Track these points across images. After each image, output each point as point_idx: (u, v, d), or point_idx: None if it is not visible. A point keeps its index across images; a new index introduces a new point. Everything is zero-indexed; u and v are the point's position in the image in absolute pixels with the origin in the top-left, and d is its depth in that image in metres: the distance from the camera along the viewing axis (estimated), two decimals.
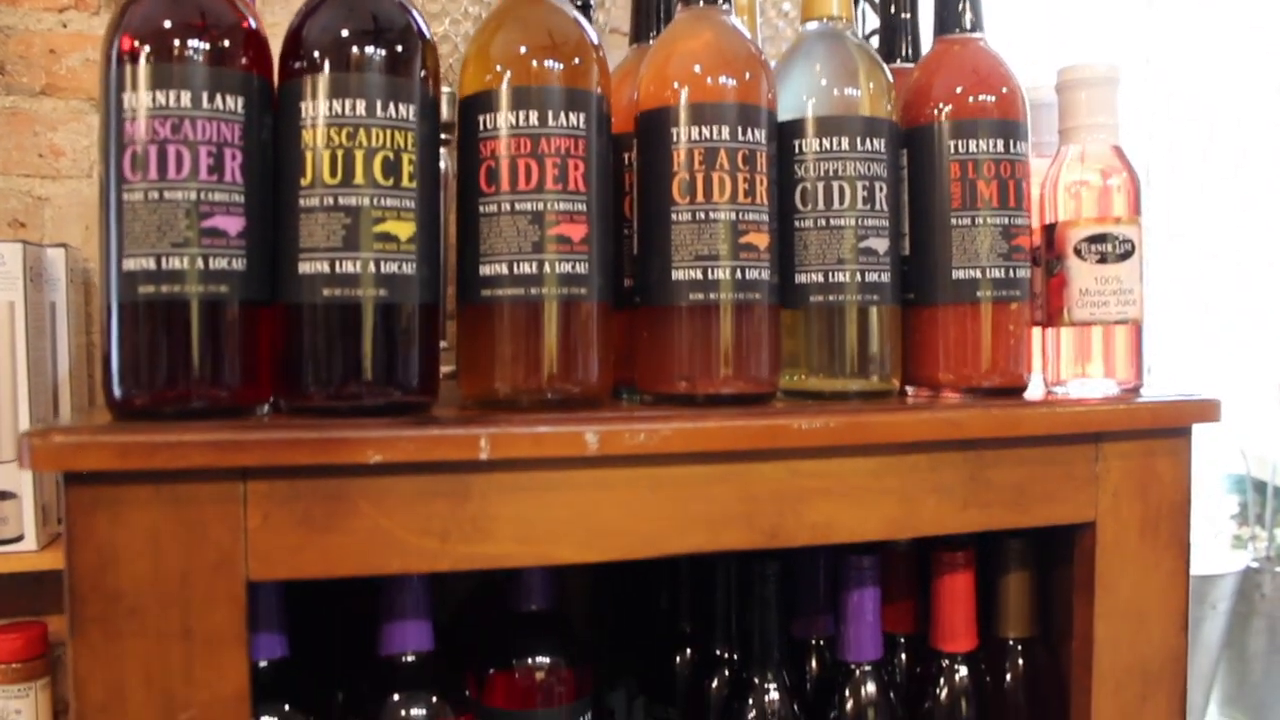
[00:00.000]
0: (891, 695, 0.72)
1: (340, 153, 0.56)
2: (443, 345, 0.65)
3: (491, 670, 0.70)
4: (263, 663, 0.60)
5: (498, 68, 0.60)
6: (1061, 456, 0.67)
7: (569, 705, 0.70)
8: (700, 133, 0.63)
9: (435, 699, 0.64)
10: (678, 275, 0.63)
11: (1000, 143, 0.69)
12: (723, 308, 0.63)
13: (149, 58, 0.54)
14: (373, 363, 0.56)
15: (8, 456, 0.86)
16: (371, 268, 0.56)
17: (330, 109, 0.56)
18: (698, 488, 0.59)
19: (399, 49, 0.57)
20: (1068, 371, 0.74)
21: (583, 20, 0.63)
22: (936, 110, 0.70)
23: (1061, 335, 0.74)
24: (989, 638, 0.75)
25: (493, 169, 0.60)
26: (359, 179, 0.56)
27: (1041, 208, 0.75)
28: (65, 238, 0.95)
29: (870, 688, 0.72)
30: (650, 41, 0.77)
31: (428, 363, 0.59)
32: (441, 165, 0.72)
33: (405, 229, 0.57)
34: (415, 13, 0.59)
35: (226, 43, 0.55)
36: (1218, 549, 1.44)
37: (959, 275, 0.69)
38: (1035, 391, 0.74)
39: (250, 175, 0.56)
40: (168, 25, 0.54)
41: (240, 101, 0.55)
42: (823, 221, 0.67)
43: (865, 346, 0.68)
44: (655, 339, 0.64)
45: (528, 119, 0.59)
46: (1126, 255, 0.71)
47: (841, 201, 0.67)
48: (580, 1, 0.78)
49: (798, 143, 0.68)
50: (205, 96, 0.54)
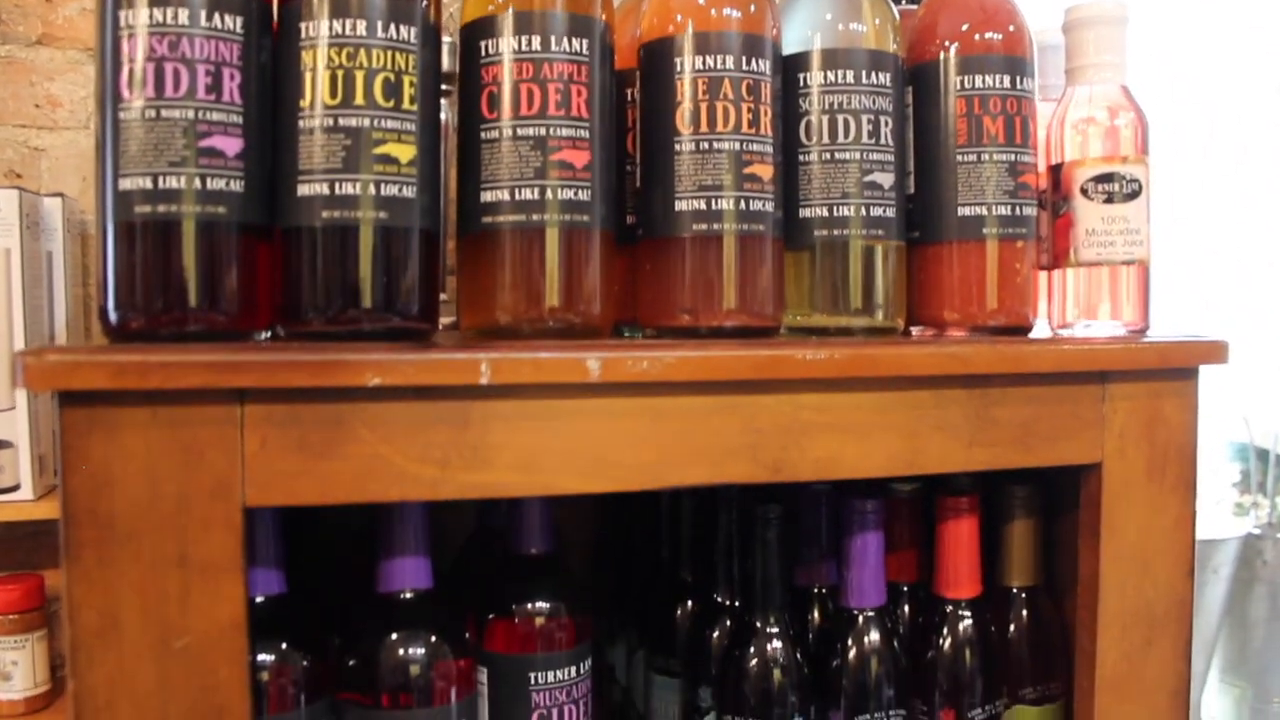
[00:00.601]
0: (895, 643, 0.72)
1: (340, 73, 0.55)
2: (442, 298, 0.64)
3: (491, 615, 0.70)
4: (260, 598, 0.60)
5: None
6: (1068, 396, 0.66)
7: (569, 651, 0.70)
8: (704, 62, 0.62)
9: (434, 638, 0.63)
10: (681, 206, 0.62)
11: (1007, 79, 0.68)
12: (726, 239, 0.62)
13: None
14: (372, 286, 0.56)
15: (4, 404, 0.85)
16: (371, 189, 0.55)
17: (330, 28, 0.55)
18: (701, 419, 0.59)
19: None
20: (1073, 314, 0.73)
21: None
22: (943, 47, 0.69)
23: (1068, 277, 0.73)
24: (993, 587, 0.74)
25: (494, 94, 0.59)
26: (359, 99, 0.55)
27: (1048, 149, 0.74)
28: (62, 189, 0.95)
29: (874, 634, 0.71)
30: None
31: (427, 290, 0.58)
32: (442, 116, 0.71)
33: (406, 152, 0.56)
34: None
35: None
36: (1220, 515, 1.43)
37: (965, 212, 0.69)
38: (1041, 334, 0.73)
39: (249, 97, 0.55)
40: None
41: (239, 21, 0.55)
42: (827, 155, 0.66)
43: (870, 282, 0.67)
44: (658, 271, 0.63)
45: (530, 44, 0.59)
46: (1134, 195, 0.70)
47: (846, 135, 0.66)
48: None
49: (802, 76, 0.67)
50: (204, 15, 0.53)
